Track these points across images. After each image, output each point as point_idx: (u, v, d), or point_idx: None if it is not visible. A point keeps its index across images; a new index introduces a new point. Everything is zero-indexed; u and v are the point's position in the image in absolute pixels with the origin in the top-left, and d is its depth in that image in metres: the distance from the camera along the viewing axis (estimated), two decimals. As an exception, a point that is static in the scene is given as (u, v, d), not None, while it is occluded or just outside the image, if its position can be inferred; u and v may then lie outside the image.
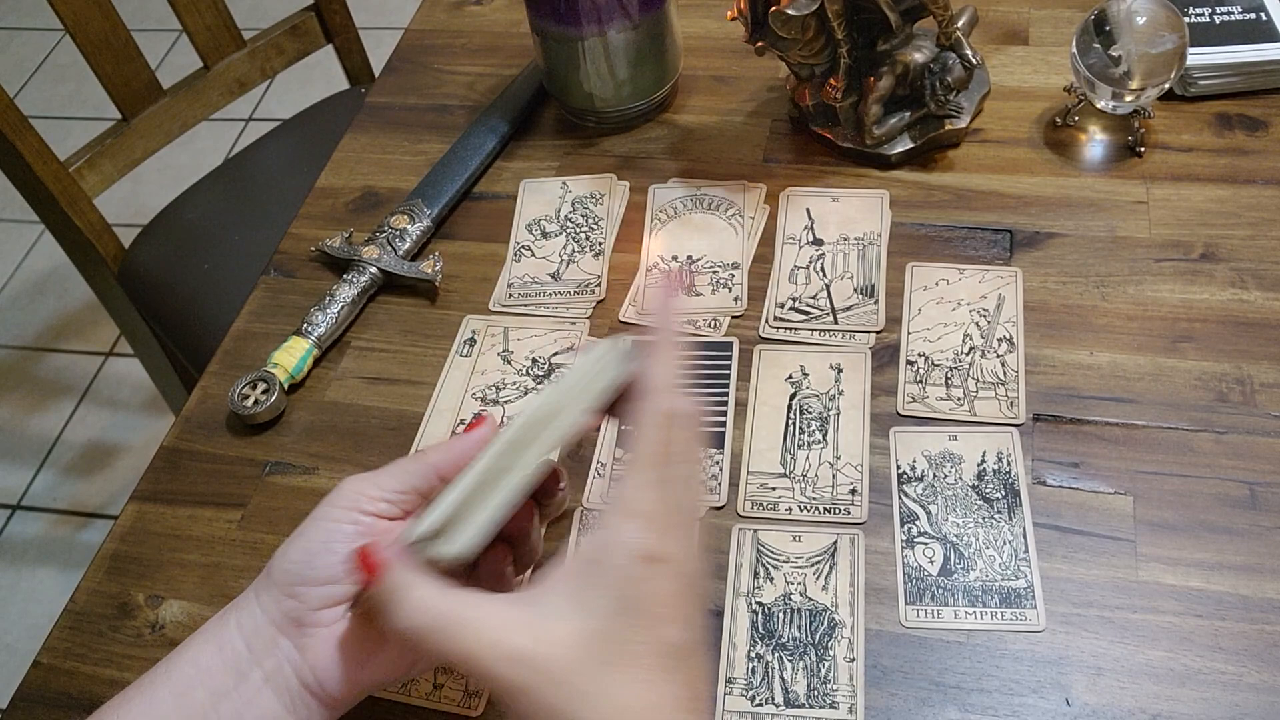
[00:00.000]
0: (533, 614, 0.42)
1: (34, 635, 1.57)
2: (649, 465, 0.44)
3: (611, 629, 0.41)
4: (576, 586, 0.42)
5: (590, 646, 0.41)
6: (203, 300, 1.18)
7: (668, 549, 0.43)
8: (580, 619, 0.41)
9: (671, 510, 0.44)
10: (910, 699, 0.56)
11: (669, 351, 0.47)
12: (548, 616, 0.41)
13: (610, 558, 0.42)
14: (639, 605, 0.41)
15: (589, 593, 0.42)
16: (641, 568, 0.42)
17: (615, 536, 0.42)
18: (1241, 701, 0.54)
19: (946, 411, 0.66)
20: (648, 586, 0.42)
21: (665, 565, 0.42)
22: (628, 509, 0.43)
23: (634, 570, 0.42)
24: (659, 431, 0.44)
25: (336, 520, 0.50)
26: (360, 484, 0.51)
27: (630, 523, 0.43)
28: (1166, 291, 0.70)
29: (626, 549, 0.42)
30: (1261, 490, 0.61)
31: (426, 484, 0.51)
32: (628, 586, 0.41)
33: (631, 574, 0.42)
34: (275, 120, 1.95)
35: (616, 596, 0.41)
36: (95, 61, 1.15)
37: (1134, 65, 0.74)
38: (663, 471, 0.44)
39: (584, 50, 0.81)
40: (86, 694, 0.61)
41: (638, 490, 0.43)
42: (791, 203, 0.79)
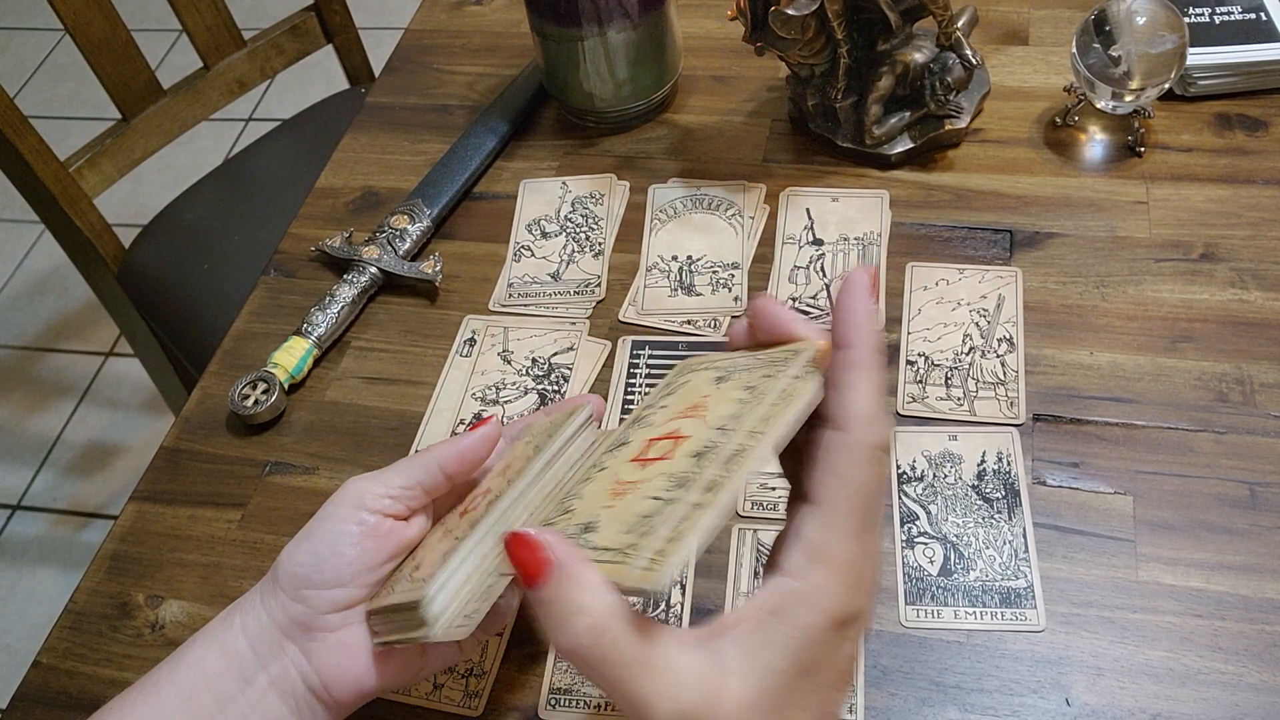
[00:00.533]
0: (709, 665, 0.37)
1: (34, 635, 1.57)
2: (850, 509, 0.38)
3: (783, 692, 0.37)
4: (755, 641, 0.37)
5: (757, 707, 0.36)
6: (203, 300, 1.18)
7: (857, 609, 0.38)
8: (756, 678, 0.36)
9: (867, 566, 0.38)
10: (910, 699, 0.56)
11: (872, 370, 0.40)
12: (724, 672, 0.36)
13: (797, 615, 0.37)
14: (816, 670, 0.37)
15: (766, 648, 0.37)
16: (830, 631, 0.37)
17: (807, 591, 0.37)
18: (1241, 701, 0.54)
19: (946, 411, 0.66)
20: (831, 651, 0.37)
21: (852, 629, 0.38)
22: (822, 558, 0.38)
23: (822, 633, 0.37)
24: (866, 469, 0.38)
25: (342, 521, 0.49)
26: (365, 483, 0.50)
27: (826, 576, 0.37)
28: (1166, 291, 0.70)
29: (819, 608, 0.37)
30: (1261, 490, 0.61)
31: (431, 479, 0.51)
32: (811, 649, 0.37)
33: (818, 636, 0.37)
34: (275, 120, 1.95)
35: (797, 658, 0.37)
36: (95, 61, 1.15)
37: (1134, 65, 0.74)
38: (866, 519, 0.38)
39: (584, 50, 0.81)
40: (86, 694, 0.61)
41: (835, 537, 0.38)
42: (791, 203, 0.79)
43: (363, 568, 0.49)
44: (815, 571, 0.37)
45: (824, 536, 0.38)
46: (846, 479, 0.38)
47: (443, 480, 0.51)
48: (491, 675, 0.59)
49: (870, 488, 0.38)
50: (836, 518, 0.38)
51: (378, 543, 0.49)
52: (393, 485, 0.50)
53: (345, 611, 0.49)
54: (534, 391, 0.71)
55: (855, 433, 0.39)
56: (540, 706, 0.57)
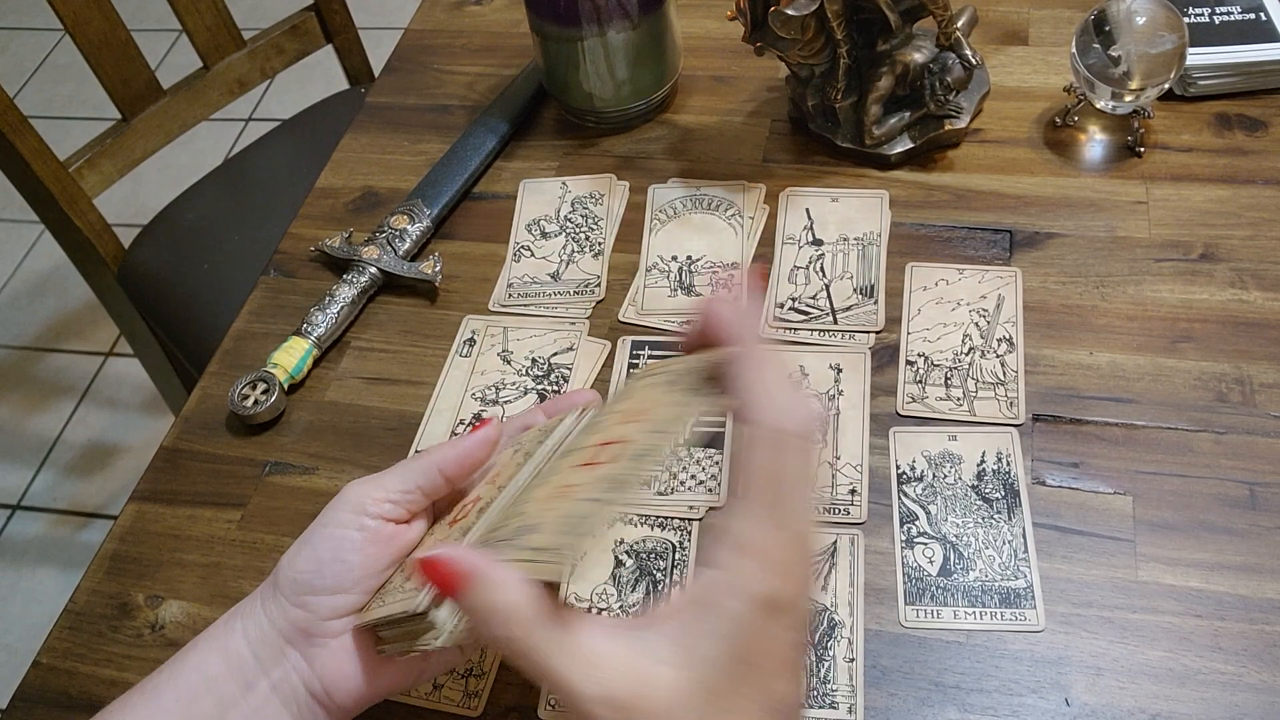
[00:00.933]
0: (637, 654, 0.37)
1: (34, 635, 1.57)
2: (767, 497, 0.39)
3: (718, 681, 0.37)
4: (684, 630, 0.38)
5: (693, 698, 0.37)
6: (203, 300, 1.18)
7: (788, 595, 0.38)
8: (686, 668, 0.37)
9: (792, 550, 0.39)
10: (910, 699, 0.56)
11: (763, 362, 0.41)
12: (653, 660, 0.37)
13: (723, 602, 0.38)
14: (751, 657, 0.37)
15: (697, 639, 0.37)
16: (759, 617, 0.37)
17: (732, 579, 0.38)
18: (1241, 701, 0.54)
19: (946, 411, 0.66)
20: (764, 638, 0.38)
21: (785, 614, 0.38)
22: (745, 546, 0.38)
23: (751, 619, 0.37)
24: (773, 456, 0.39)
25: (343, 527, 0.49)
26: (364, 487, 0.50)
27: (749, 563, 0.38)
28: (1166, 291, 0.70)
29: (745, 595, 0.38)
30: (1261, 490, 0.61)
31: (430, 482, 0.51)
32: (742, 636, 0.37)
33: (748, 623, 0.37)
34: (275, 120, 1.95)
35: (728, 646, 0.37)
36: (95, 61, 1.15)
37: (1134, 65, 0.74)
38: (780, 503, 0.39)
39: (584, 50, 0.81)
40: (86, 694, 0.61)
41: (755, 526, 0.38)
42: (791, 203, 0.79)
43: (365, 573, 0.49)
44: (739, 561, 0.38)
45: (745, 526, 0.39)
46: (759, 469, 0.39)
47: (442, 483, 0.51)
48: (491, 675, 0.59)
49: (784, 474, 0.39)
50: (754, 507, 0.39)
51: (379, 548, 0.49)
52: (392, 489, 0.50)
53: (347, 617, 0.49)
54: (534, 391, 0.71)
55: (762, 423, 0.40)
56: (540, 706, 0.57)
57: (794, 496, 0.39)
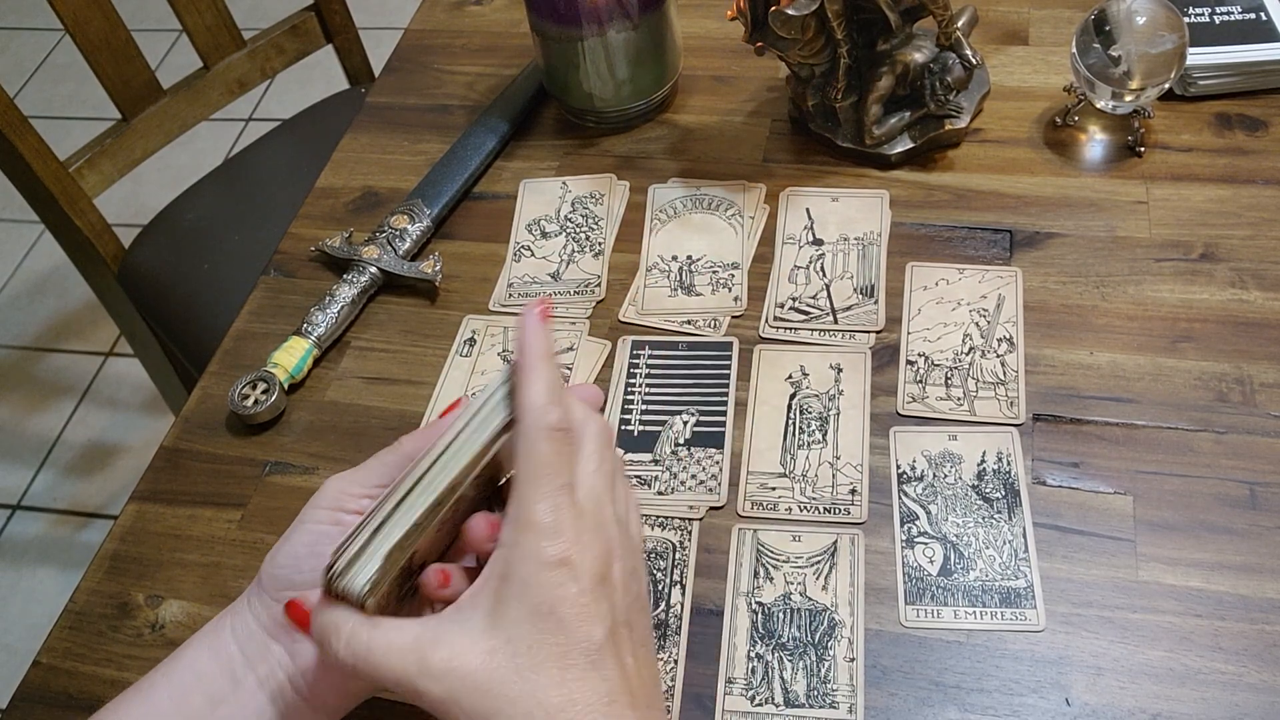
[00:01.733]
0: (450, 631, 0.43)
1: (34, 635, 1.57)
2: (536, 479, 0.45)
3: (523, 635, 0.42)
4: (490, 604, 0.43)
5: (507, 653, 0.42)
6: (203, 300, 1.18)
7: (572, 554, 0.44)
8: (494, 629, 0.43)
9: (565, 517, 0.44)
10: (910, 699, 0.56)
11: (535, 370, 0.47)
12: (466, 633, 0.43)
13: (516, 570, 0.43)
14: (551, 609, 0.43)
15: (501, 606, 0.43)
16: (548, 574, 0.43)
17: (518, 550, 0.44)
18: (1241, 701, 0.54)
19: (946, 411, 0.66)
20: (558, 591, 0.43)
21: (571, 569, 0.43)
22: (524, 522, 0.44)
23: (540, 577, 0.43)
24: (539, 445, 0.45)
25: (320, 522, 0.50)
26: (342, 483, 0.51)
27: (531, 535, 0.44)
28: (1166, 291, 0.70)
29: (533, 559, 0.43)
30: (1261, 490, 0.61)
31: None
32: (538, 593, 0.43)
33: (542, 581, 0.43)
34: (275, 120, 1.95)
35: (527, 605, 0.43)
36: (95, 61, 1.15)
37: (1134, 65, 0.74)
38: (553, 482, 0.45)
39: (584, 50, 0.81)
40: (86, 694, 0.61)
41: (531, 504, 0.44)
42: (791, 203, 0.79)
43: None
44: (520, 534, 0.44)
45: (518, 506, 0.44)
46: (526, 456, 0.45)
47: None
48: (491, 675, 0.59)
49: (547, 458, 0.45)
50: (524, 488, 0.45)
51: None
52: (368, 483, 0.51)
53: None
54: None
55: (526, 419, 0.46)
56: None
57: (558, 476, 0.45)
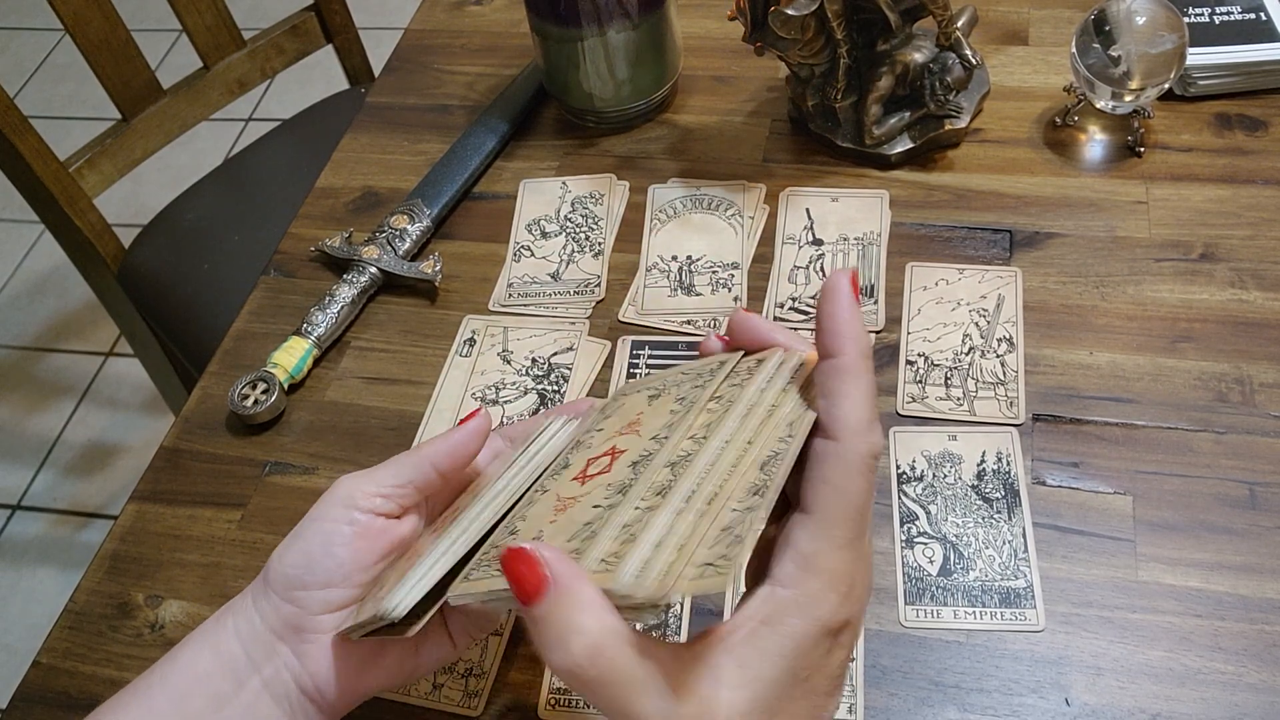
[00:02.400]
0: (704, 679, 0.37)
1: (34, 635, 1.57)
2: (849, 519, 0.38)
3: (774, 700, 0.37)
4: (749, 651, 0.37)
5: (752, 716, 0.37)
6: (203, 300, 1.18)
7: (850, 616, 0.38)
8: (749, 688, 0.37)
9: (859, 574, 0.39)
10: (910, 699, 0.56)
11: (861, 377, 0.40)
12: (718, 684, 0.37)
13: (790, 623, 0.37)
14: (806, 675, 0.38)
15: (761, 659, 0.37)
16: (821, 636, 0.37)
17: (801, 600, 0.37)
18: (1241, 701, 0.54)
19: (946, 411, 0.66)
20: (820, 656, 0.38)
21: (845, 636, 0.38)
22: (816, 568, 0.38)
23: (816, 641, 0.37)
24: (858, 479, 0.38)
25: (334, 521, 0.49)
26: (356, 482, 0.50)
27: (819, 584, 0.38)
28: (1166, 291, 0.70)
29: (809, 614, 0.37)
30: (1261, 490, 0.61)
31: (423, 477, 0.50)
32: (801, 655, 0.37)
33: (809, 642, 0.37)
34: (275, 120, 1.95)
35: (787, 665, 0.37)
36: (95, 61, 1.15)
37: (1134, 65, 0.74)
38: (858, 528, 0.38)
39: (584, 50, 0.81)
40: (86, 694, 0.61)
41: (829, 547, 0.38)
42: (791, 203, 0.79)
43: (355, 567, 0.49)
44: (808, 580, 0.38)
45: (816, 546, 0.38)
46: (838, 489, 0.38)
47: (435, 477, 0.51)
48: (491, 675, 0.59)
49: (862, 497, 0.39)
50: (828, 527, 0.38)
51: (370, 542, 0.49)
52: (384, 484, 0.50)
53: (338, 612, 0.49)
54: (534, 391, 0.71)
55: (847, 442, 0.39)
56: (540, 706, 0.57)
57: (864, 519, 0.39)
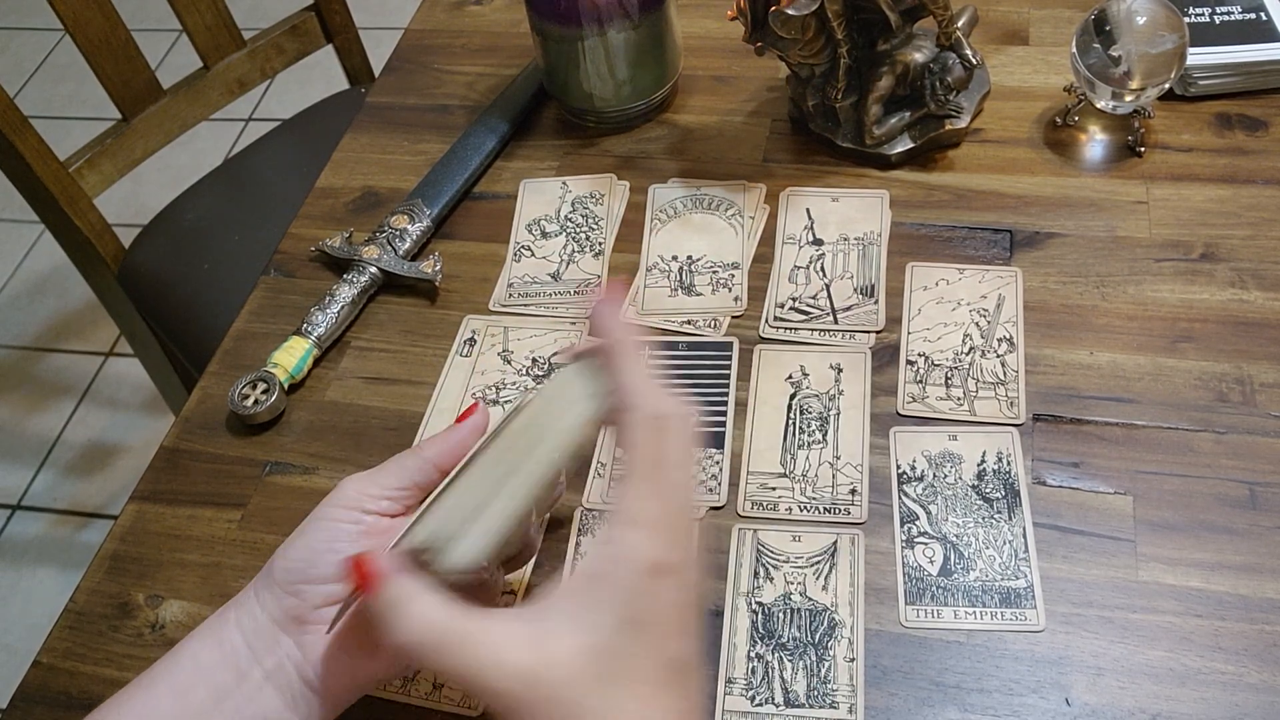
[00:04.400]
0: (535, 630, 0.41)
1: (34, 635, 1.57)
2: (646, 474, 0.43)
3: (615, 644, 0.40)
4: (580, 603, 0.41)
5: (593, 662, 0.40)
6: (203, 300, 1.18)
7: (673, 559, 0.42)
8: (584, 635, 0.40)
9: (674, 518, 0.43)
10: (910, 699, 0.56)
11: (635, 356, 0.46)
12: (551, 634, 0.40)
13: (614, 571, 0.41)
14: (643, 619, 0.41)
15: (592, 608, 0.41)
16: (647, 580, 0.41)
17: (619, 550, 0.41)
18: (1241, 701, 0.54)
19: (946, 411, 0.66)
20: (653, 600, 0.41)
21: (671, 577, 0.41)
22: (630, 520, 0.42)
23: (640, 583, 0.41)
24: (651, 437, 0.43)
25: (338, 520, 0.50)
26: (361, 483, 0.51)
27: (634, 534, 0.41)
28: (1166, 291, 0.70)
29: (632, 562, 0.41)
30: (1261, 490, 0.61)
31: (425, 478, 0.52)
32: (633, 600, 0.40)
33: (637, 587, 0.41)
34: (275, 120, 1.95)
35: (621, 611, 0.40)
36: (95, 61, 1.15)
37: (1134, 65, 0.74)
38: (661, 479, 0.43)
39: (584, 50, 0.81)
40: (86, 694, 0.61)
41: (638, 500, 0.42)
42: (791, 203, 0.79)
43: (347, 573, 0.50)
44: (625, 532, 0.42)
45: (627, 502, 0.42)
46: (635, 447, 0.43)
47: (437, 476, 0.52)
48: (491, 675, 0.59)
49: (657, 450, 0.43)
50: (633, 483, 0.43)
51: (374, 541, 0.50)
52: (388, 485, 0.51)
53: (339, 605, 0.50)
54: (534, 392, 0.71)
55: (645, 406, 0.44)
56: (540, 706, 0.57)
57: (672, 472, 0.43)
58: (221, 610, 0.51)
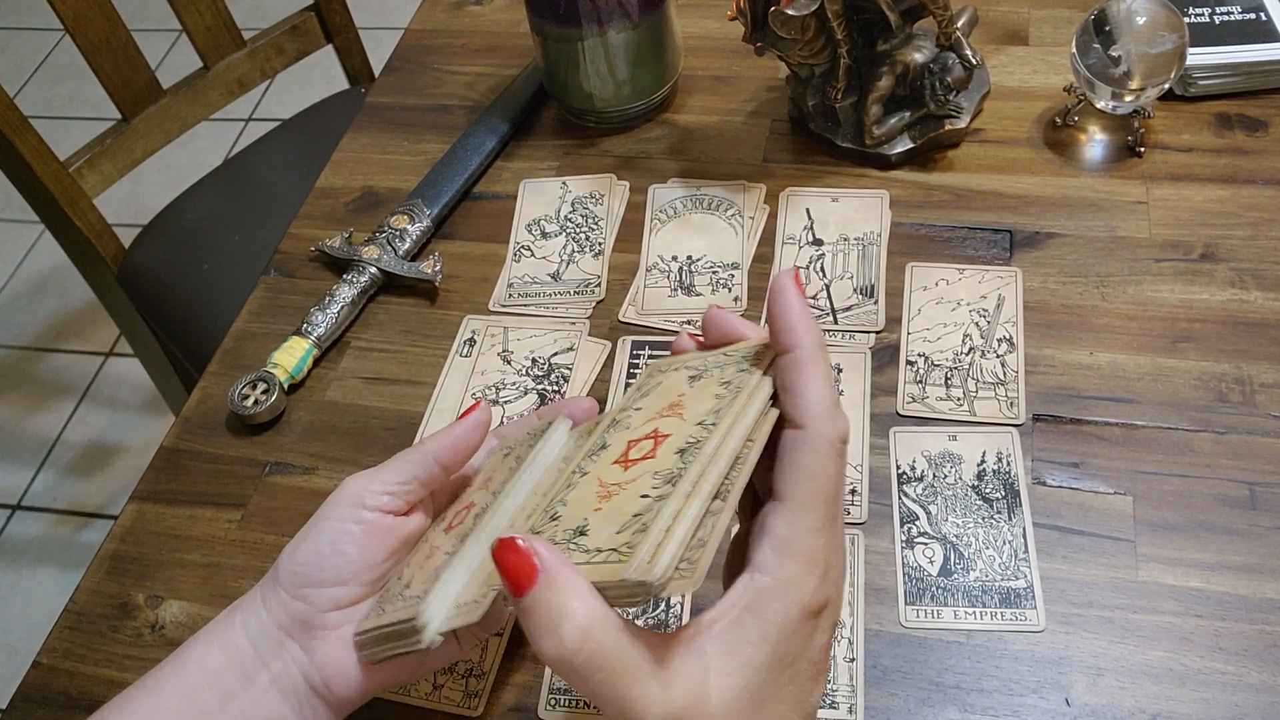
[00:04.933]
0: (693, 665, 0.37)
1: (34, 635, 1.57)
2: (817, 504, 0.39)
3: (761, 685, 0.38)
4: (734, 637, 0.38)
5: (738, 702, 0.37)
6: (203, 300, 1.18)
7: (832, 600, 0.39)
8: (737, 674, 0.37)
9: (831, 553, 0.40)
10: (910, 699, 0.56)
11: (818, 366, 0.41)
12: (707, 670, 0.37)
13: (771, 608, 0.38)
14: (794, 661, 0.38)
15: (747, 645, 0.38)
16: (801, 619, 0.38)
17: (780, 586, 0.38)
18: (1241, 701, 0.54)
19: (946, 411, 0.66)
20: (806, 641, 0.39)
21: (824, 619, 0.39)
22: (794, 552, 0.38)
23: (794, 622, 0.38)
24: (829, 464, 0.39)
25: (342, 520, 0.50)
26: (363, 481, 0.51)
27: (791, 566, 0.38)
28: (1166, 291, 0.70)
29: (794, 602, 0.38)
30: (1261, 490, 0.61)
31: (427, 474, 0.51)
32: (784, 640, 0.38)
33: (791, 626, 0.38)
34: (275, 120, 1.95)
35: (774, 650, 0.38)
36: (95, 61, 1.15)
37: (1134, 65, 0.74)
38: (830, 512, 0.39)
39: (584, 50, 0.81)
40: (86, 694, 0.61)
41: (807, 534, 0.39)
42: (791, 203, 0.79)
43: (364, 565, 0.49)
44: (786, 565, 0.38)
45: (791, 531, 0.39)
46: (809, 474, 0.39)
47: (439, 472, 0.52)
48: (491, 675, 0.59)
49: (832, 482, 0.40)
50: (802, 512, 0.39)
51: (379, 540, 0.50)
52: (390, 482, 0.51)
53: (346, 609, 0.49)
54: (534, 391, 0.71)
55: (813, 429, 0.40)
56: (540, 706, 0.57)
57: (836, 503, 0.40)
58: (227, 612, 0.51)
